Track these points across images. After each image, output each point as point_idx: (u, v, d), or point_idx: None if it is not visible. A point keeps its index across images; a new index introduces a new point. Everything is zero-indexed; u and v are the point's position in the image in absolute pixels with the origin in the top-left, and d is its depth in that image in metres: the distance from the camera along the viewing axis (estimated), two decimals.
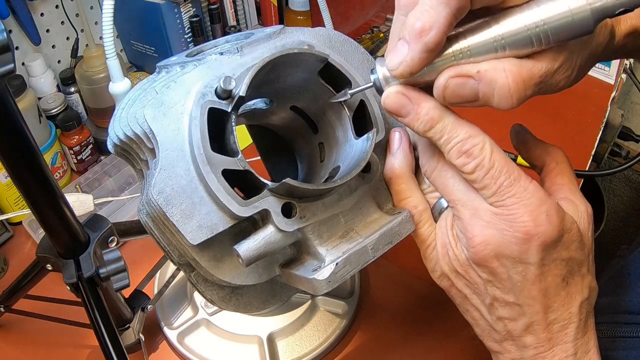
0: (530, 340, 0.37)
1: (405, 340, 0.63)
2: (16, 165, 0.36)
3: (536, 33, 0.31)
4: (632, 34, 0.38)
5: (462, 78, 0.32)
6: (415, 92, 0.35)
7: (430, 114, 0.34)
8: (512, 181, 0.34)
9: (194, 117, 0.35)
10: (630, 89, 1.82)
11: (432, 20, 0.31)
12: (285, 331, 0.61)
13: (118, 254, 0.46)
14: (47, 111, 0.82)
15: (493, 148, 0.34)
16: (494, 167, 0.34)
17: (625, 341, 0.52)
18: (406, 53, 0.32)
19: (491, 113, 0.38)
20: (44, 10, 0.86)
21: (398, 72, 0.34)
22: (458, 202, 0.37)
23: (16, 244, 0.74)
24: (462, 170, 0.35)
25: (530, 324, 0.37)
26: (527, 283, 0.35)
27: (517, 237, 0.34)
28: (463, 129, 0.34)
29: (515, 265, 0.35)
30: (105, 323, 0.44)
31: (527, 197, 0.34)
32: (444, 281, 0.40)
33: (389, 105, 0.35)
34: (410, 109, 0.35)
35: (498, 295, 0.37)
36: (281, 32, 0.41)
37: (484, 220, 0.35)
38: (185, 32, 0.96)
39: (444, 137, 0.35)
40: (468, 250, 0.36)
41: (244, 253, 0.34)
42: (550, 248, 0.35)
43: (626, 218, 1.98)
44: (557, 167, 0.40)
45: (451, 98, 0.33)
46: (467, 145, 0.34)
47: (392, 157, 0.41)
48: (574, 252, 0.36)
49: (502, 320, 0.38)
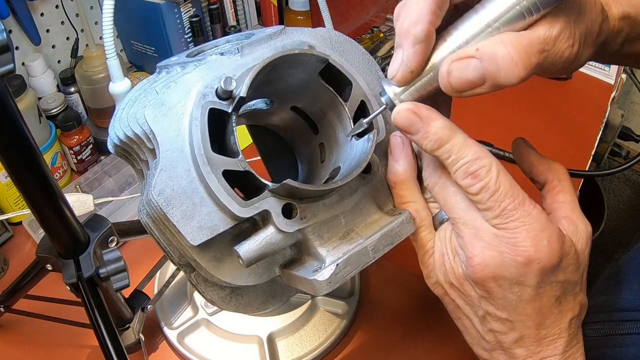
0: (520, 352, 0.38)
1: (405, 340, 0.63)
2: (16, 165, 0.36)
3: (525, 5, 0.32)
4: (626, 18, 0.39)
5: (463, 60, 0.32)
6: (425, 110, 0.35)
7: (440, 134, 0.35)
8: (516, 205, 0.34)
9: (194, 117, 0.35)
10: (630, 89, 1.82)
11: (417, 15, 0.32)
12: (285, 331, 0.61)
13: (118, 254, 0.46)
14: (47, 111, 0.82)
15: (500, 171, 0.34)
16: (499, 190, 0.34)
17: (622, 338, 0.53)
18: (401, 54, 0.33)
19: (494, 114, 0.38)
20: (44, 10, 0.86)
21: (399, 75, 0.34)
22: (459, 219, 0.37)
23: (16, 244, 0.74)
24: (468, 191, 0.35)
25: (521, 338, 0.37)
26: (522, 302, 0.36)
27: (518, 261, 0.34)
28: (471, 150, 0.34)
29: (512, 287, 0.35)
30: (105, 323, 0.44)
31: (530, 222, 0.34)
32: (437, 289, 0.41)
33: (399, 122, 0.36)
34: (420, 127, 0.35)
35: (491, 310, 0.37)
36: (282, 32, 0.41)
37: (485, 241, 0.35)
38: (185, 32, 0.96)
39: (451, 157, 0.35)
40: (466, 268, 0.37)
41: (244, 254, 0.34)
42: (549, 272, 0.35)
43: (626, 218, 1.98)
44: (559, 185, 0.40)
45: (458, 84, 0.33)
46: (474, 166, 0.34)
47: (396, 163, 0.41)
48: (570, 274, 0.36)
49: (494, 332, 0.38)
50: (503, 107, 1.03)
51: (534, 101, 1.05)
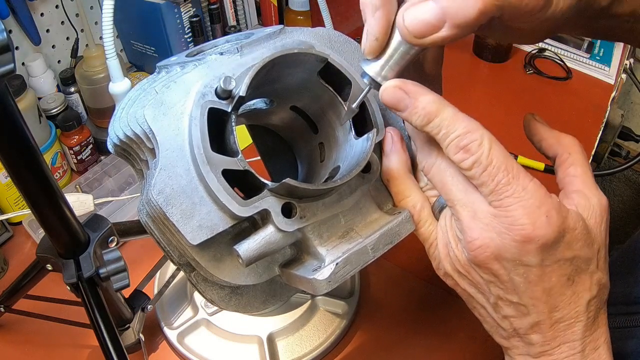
0: (536, 338, 0.37)
1: (405, 340, 0.63)
2: (16, 165, 0.36)
3: None
4: None
5: (418, 4, 0.32)
6: (412, 86, 0.35)
7: (428, 108, 0.34)
8: (510, 179, 0.33)
9: (194, 117, 0.35)
10: (630, 89, 1.82)
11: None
12: (285, 331, 0.61)
13: (118, 254, 0.46)
14: (47, 111, 0.82)
15: (492, 144, 0.33)
16: (492, 163, 0.33)
17: (636, 330, 0.51)
18: (366, 25, 0.34)
19: (493, 114, 0.38)
20: (44, 10, 0.86)
21: (367, 46, 0.34)
22: (457, 202, 0.36)
23: (16, 244, 0.74)
24: (460, 166, 0.34)
25: (535, 323, 0.36)
26: (530, 284, 0.35)
27: (516, 240, 0.33)
28: (462, 124, 0.34)
29: (516, 268, 0.34)
30: (105, 323, 0.44)
31: (526, 198, 0.33)
32: (448, 279, 0.40)
33: (386, 99, 0.35)
34: (408, 103, 0.35)
35: (501, 294, 0.36)
36: (281, 32, 0.41)
37: (483, 222, 0.34)
38: (185, 32, 0.96)
39: (441, 131, 0.34)
40: (467, 252, 0.36)
41: (244, 253, 0.34)
42: (551, 249, 0.34)
43: (626, 218, 1.98)
44: (570, 157, 0.38)
45: (415, 28, 0.32)
46: (465, 140, 0.33)
47: (387, 158, 0.41)
48: (578, 250, 0.35)
49: (508, 319, 0.37)
50: (502, 107, 1.03)
51: (534, 101, 1.05)
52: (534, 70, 1.12)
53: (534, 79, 1.11)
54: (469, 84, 1.11)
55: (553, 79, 1.10)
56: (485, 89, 1.11)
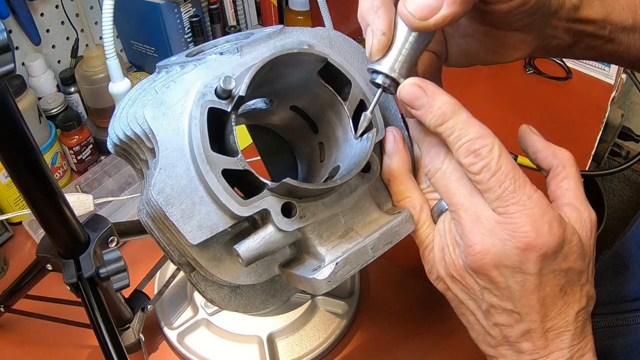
0: (526, 346, 0.37)
1: (405, 340, 0.63)
2: (16, 165, 0.36)
3: None
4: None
5: None
6: (431, 86, 0.35)
7: (444, 109, 0.34)
8: (516, 187, 0.34)
9: (193, 116, 0.35)
10: (630, 89, 1.82)
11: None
12: (285, 331, 0.61)
13: (118, 254, 0.46)
14: (47, 111, 0.82)
15: (502, 151, 0.34)
16: (501, 170, 0.34)
17: (627, 328, 0.52)
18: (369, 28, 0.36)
19: (493, 114, 0.38)
20: (44, 10, 0.86)
21: (374, 43, 0.36)
22: (460, 207, 0.36)
23: (16, 244, 0.74)
24: (469, 170, 0.34)
25: (527, 331, 0.37)
26: (526, 292, 0.35)
27: (519, 247, 0.34)
28: (474, 128, 0.34)
29: (514, 275, 0.35)
30: (105, 323, 0.44)
31: (530, 206, 0.33)
32: (440, 284, 0.40)
33: (405, 96, 0.36)
34: (425, 101, 0.35)
35: (495, 302, 0.37)
36: (281, 32, 0.41)
37: (486, 228, 0.35)
38: (185, 32, 0.96)
39: (454, 134, 0.34)
40: (466, 257, 0.36)
41: (243, 253, 0.34)
42: (550, 259, 0.34)
43: (626, 218, 1.97)
44: (563, 171, 0.39)
45: (417, 10, 0.34)
46: (476, 144, 0.34)
47: (388, 158, 0.41)
48: (573, 262, 0.36)
49: (499, 326, 0.38)
50: (502, 107, 1.03)
51: (534, 101, 1.05)
52: (534, 70, 1.12)
53: (534, 78, 1.11)
54: (469, 84, 1.11)
55: (553, 79, 1.11)
56: (485, 89, 1.11)
